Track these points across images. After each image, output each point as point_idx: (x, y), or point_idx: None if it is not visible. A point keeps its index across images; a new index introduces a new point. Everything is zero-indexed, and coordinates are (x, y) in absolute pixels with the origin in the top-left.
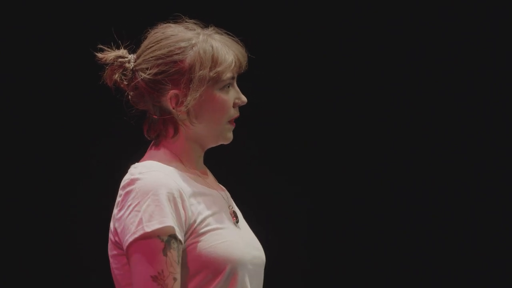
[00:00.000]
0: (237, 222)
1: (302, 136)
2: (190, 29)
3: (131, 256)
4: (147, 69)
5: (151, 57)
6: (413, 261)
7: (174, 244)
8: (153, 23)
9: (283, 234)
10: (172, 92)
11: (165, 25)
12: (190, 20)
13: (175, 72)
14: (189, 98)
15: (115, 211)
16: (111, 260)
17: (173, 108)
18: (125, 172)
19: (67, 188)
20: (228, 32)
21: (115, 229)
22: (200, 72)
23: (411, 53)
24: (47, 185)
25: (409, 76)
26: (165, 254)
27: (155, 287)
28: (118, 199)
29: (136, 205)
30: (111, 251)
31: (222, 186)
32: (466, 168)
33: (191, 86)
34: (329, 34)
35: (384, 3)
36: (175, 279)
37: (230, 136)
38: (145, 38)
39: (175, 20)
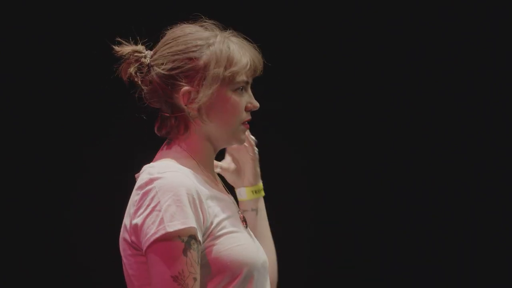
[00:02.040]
0: (246, 227)
1: (302, 136)
2: (208, 30)
3: (151, 256)
4: (162, 64)
5: (168, 52)
6: (414, 261)
7: (194, 245)
8: (170, 22)
9: (282, 235)
10: (185, 88)
11: (182, 24)
12: (210, 20)
13: (190, 68)
14: (200, 95)
15: (131, 210)
16: (124, 260)
17: (185, 105)
18: (128, 171)
19: (67, 188)
20: (246, 37)
21: (132, 229)
22: (215, 70)
23: (411, 53)
24: (47, 185)
25: (409, 76)
26: (186, 255)
27: (176, 287)
28: (135, 197)
29: (156, 204)
30: (125, 251)
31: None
32: (466, 168)
33: (204, 83)
34: (329, 34)
35: (384, 3)
36: (195, 279)
37: (244, 138)
38: (163, 36)
39: (195, 19)
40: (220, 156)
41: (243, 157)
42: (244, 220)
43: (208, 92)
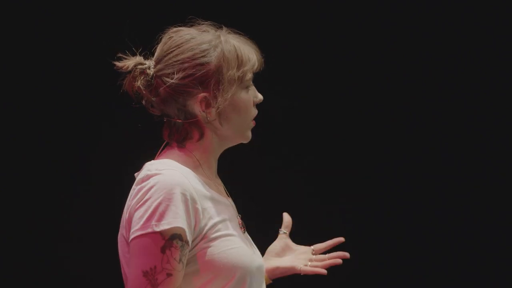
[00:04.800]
0: (244, 232)
1: (301, 137)
2: (205, 31)
3: (131, 249)
4: (172, 73)
5: (175, 61)
6: (417, 263)
7: (178, 243)
8: (161, 27)
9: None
10: (202, 95)
11: (176, 29)
12: (205, 22)
13: (203, 74)
14: (220, 99)
15: (126, 205)
16: (122, 258)
17: (203, 111)
18: (126, 172)
19: (66, 191)
20: (239, 32)
21: (127, 224)
22: (229, 72)
23: (411, 53)
24: (47, 186)
25: (412, 77)
26: (163, 252)
27: (144, 282)
28: (132, 193)
29: (147, 200)
30: (123, 248)
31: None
32: (471, 168)
33: (221, 87)
34: (329, 34)
35: (385, 3)
36: (169, 274)
37: (250, 135)
38: (159, 43)
39: (188, 23)
40: (223, 158)
41: (288, 255)
42: (242, 225)
43: (227, 95)
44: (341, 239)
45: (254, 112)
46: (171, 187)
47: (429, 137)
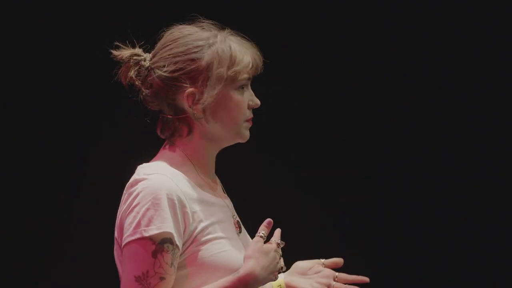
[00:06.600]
0: (240, 232)
1: (301, 137)
2: (207, 30)
3: (124, 255)
4: (163, 66)
5: (168, 54)
6: (416, 263)
7: (169, 248)
8: (166, 24)
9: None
10: (189, 90)
11: (179, 26)
12: (208, 21)
13: (192, 70)
14: (205, 95)
15: (119, 209)
16: (117, 261)
17: (190, 106)
18: (126, 172)
19: (66, 191)
20: (243, 35)
21: (119, 229)
22: (218, 70)
23: (411, 53)
24: (47, 186)
25: (412, 77)
26: (155, 257)
27: (137, 287)
28: (123, 198)
29: (136, 206)
30: (117, 251)
31: (226, 195)
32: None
33: (208, 83)
34: (329, 34)
35: (385, 3)
36: (161, 278)
37: (247, 134)
38: (160, 38)
39: (191, 20)
40: (221, 157)
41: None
42: (238, 226)
43: (213, 92)
44: (367, 279)
45: (248, 114)
46: (158, 192)
47: (429, 137)
